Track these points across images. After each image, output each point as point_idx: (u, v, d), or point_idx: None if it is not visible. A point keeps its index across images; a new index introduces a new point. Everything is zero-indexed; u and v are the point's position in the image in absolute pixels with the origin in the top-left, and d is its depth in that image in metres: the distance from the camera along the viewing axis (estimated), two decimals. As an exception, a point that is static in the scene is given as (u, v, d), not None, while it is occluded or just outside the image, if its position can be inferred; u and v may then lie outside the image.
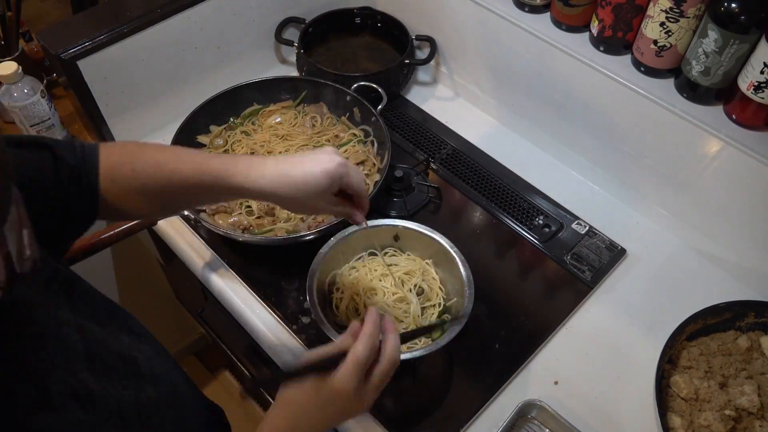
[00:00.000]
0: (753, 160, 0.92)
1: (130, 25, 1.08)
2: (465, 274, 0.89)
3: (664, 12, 0.93)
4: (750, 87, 0.89)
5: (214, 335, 1.30)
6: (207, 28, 1.19)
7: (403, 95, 1.34)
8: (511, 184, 1.16)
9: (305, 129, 1.15)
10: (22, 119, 1.11)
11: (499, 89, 1.25)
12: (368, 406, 0.66)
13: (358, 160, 1.10)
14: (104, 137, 1.17)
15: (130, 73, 1.13)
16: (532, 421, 0.88)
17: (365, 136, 1.16)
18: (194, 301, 1.40)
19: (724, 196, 1.00)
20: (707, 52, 0.91)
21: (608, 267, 1.04)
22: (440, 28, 1.28)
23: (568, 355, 0.95)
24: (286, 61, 1.39)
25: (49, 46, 1.04)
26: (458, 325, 0.84)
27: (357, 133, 1.16)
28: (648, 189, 1.10)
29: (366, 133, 1.16)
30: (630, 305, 1.01)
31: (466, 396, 0.89)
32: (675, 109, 0.98)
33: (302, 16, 1.33)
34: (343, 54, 1.36)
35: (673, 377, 0.87)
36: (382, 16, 1.36)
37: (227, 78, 1.26)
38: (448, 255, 0.91)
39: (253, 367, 1.29)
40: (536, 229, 1.09)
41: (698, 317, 0.90)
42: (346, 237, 0.94)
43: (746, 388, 0.84)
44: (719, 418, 0.81)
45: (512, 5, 1.14)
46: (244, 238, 0.99)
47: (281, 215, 1.04)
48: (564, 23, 1.09)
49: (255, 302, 1.00)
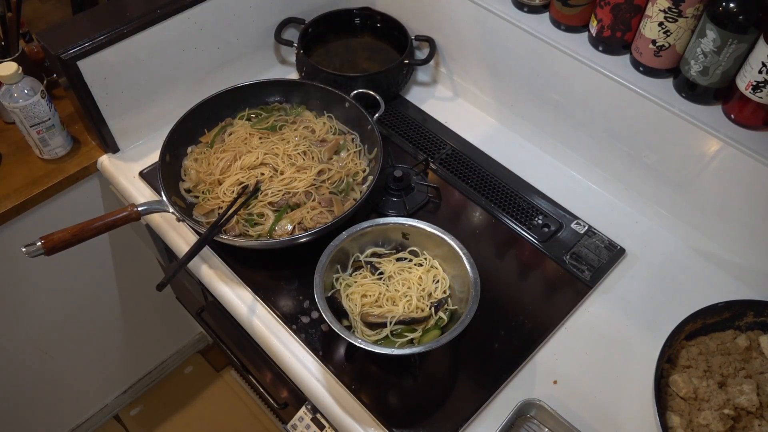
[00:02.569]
0: (751, 160, 0.92)
1: (130, 26, 1.08)
2: (472, 276, 0.88)
3: (663, 12, 0.93)
4: (748, 86, 0.90)
5: (214, 335, 1.30)
6: (207, 28, 1.19)
7: (402, 95, 1.34)
8: (511, 183, 1.16)
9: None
10: (23, 120, 1.11)
11: (499, 89, 1.25)
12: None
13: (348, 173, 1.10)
14: (104, 137, 1.18)
15: (130, 73, 1.13)
16: (532, 421, 0.88)
17: (354, 140, 1.16)
18: (194, 301, 1.41)
19: (722, 196, 1.00)
20: (706, 51, 0.91)
21: (607, 266, 1.04)
22: (440, 28, 1.28)
23: (567, 354, 0.95)
24: (285, 62, 1.40)
25: (49, 47, 1.04)
26: (461, 325, 0.84)
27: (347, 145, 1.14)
28: (647, 188, 1.10)
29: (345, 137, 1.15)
30: (629, 305, 1.01)
31: (465, 395, 0.90)
32: (674, 108, 0.98)
33: (302, 16, 1.33)
34: (343, 54, 1.36)
35: (672, 376, 0.87)
36: (381, 16, 1.37)
37: (227, 78, 1.27)
38: (457, 255, 0.91)
39: (253, 367, 1.29)
40: (535, 228, 1.09)
41: (697, 316, 0.90)
42: (357, 232, 0.94)
43: (745, 388, 0.84)
44: (718, 418, 0.81)
45: (511, 5, 1.14)
46: (241, 243, 0.99)
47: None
48: (563, 23, 1.09)
49: (255, 302, 1.00)
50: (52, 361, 1.51)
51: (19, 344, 1.41)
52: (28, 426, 1.61)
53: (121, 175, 1.18)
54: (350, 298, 0.91)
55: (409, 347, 0.84)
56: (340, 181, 1.08)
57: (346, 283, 0.93)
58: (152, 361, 1.89)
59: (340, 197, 1.06)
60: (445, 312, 0.90)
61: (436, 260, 0.95)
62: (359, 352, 0.93)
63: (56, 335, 1.47)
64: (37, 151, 1.19)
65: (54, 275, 1.35)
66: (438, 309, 0.90)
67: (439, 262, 0.95)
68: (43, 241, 0.92)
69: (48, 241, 0.92)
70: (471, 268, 0.89)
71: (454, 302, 0.92)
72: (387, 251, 0.97)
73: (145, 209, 1.00)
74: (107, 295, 1.53)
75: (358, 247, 0.96)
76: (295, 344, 0.95)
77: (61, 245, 0.93)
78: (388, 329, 0.87)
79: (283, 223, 1.02)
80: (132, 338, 1.71)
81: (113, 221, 0.98)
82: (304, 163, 1.08)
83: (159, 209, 1.01)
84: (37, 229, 1.21)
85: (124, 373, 1.82)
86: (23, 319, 1.37)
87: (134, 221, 1.00)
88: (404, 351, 0.82)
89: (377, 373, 0.92)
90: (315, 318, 0.97)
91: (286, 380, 1.05)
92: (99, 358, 1.66)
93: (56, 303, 1.41)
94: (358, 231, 0.94)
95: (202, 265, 1.05)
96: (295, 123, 1.17)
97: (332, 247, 0.91)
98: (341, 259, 0.95)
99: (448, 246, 0.92)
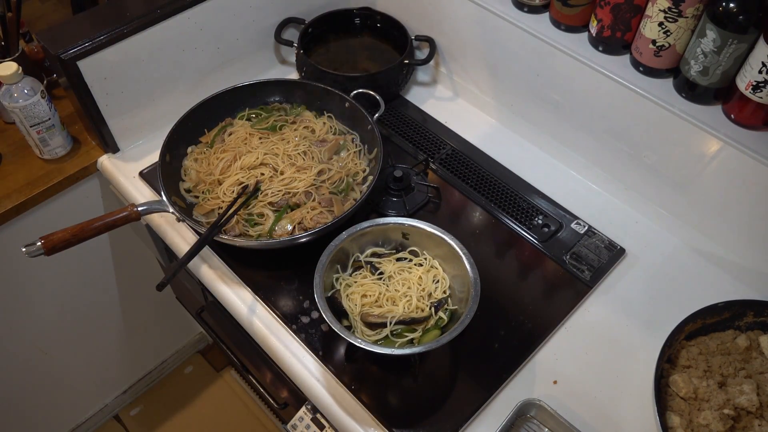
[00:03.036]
0: (751, 160, 0.92)
1: (130, 26, 1.08)
2: (472, 276, 0.88)
3: (663, 12, 0.93)
4: (748, 86, 0.90)
5: (214, 335, 1.30)
6: (207, 29, 1.19)
7: (402, 95, 1.34)
8: (511, 183, 1.16)
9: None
10: (23, 120, 1.11)
11: (499, 89, 1.25)
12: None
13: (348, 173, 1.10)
14: (104, 137, 1.18)
15: (130, 73, 1.13)
16: (532, 420, 0.88)
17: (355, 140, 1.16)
18: (194, 301, 1.41)
19: (722, 196, 1.00)
20: (706, 51, 0.91)
21: (607, 266, 1.04)
22: (440, 28, 1.28)
23: (567, 354, 0.95)
24: (285, 62, 1.40)
25: (49, 47, 1.04)
26: (461, 325, 0.84)
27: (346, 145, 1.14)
28: (647, 188, 1.10)
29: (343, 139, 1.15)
30: (629, 304, 1.01)
31: (465, 395, 0.90)
32: (674, 108, 0.98)
33: (302, 16, 1.33)
34: (343, 54, 1.36)
35: (672, 376, 0.87)
36: (381, 16, 1.37)
37: (227, 78, 1.27)
38: (457, 255, 0.91)
39: (253, 367, 1.29)
40: (535, 228, 1.09)
41: (697, 316, 0.90)
42: (357, 232, 0.94)
43: (745, 388, 0.84)
44: (718, 418, 0.81)
45: (511, 5, 1.14)
46: (241, 243, 0.99)
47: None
48: (563, 23, 1.09)
49: (255, 302, 1.00)
50: (52, 361, 1.51)
51: (19, 344, 1.41)
52: (29, 426, 1.61)
53: (121, 175, 1.18)
54: (350, 298, 0.91)
55: (409, 347, 0.84)
56: (340, 181, 1.08)
57: (346, 283, 0.93)
58: (152, 361, 1.89)
59: (340, 197, 1.06)
60: (445, 312, 0.90)
61: (436, 260, 0.95)
62: (359, 353, 0.93)
63: (56, 335, 1.47)
64: (37, 151, 1.19)
65: (54, 275, 1.35)
66: (438, 309, 0.90)
67: (439, 262, 0.95)
68: (43, 241, 0.92)
69: (48, 241, 0.92)
70: (471, 268, 0.89)
71: (454, 302, 0.92)
72: (387, 251, 0.97)
73: (145, 209, 1.00)
74: (107, 295, 1.53)
75: (358, 247, 0.96)
76: (295, 344, 0.95)
77: (61, 245, 0.93)
78: (388, 329, 0.87)
79: (283, 223, 1.02)
80: (132, 338, 1.71)
81: (113, 221, 0.98)
82: (304, 163, 1.08)
83: (159, 209, 1.01)
84: (37, 229, 1.21)
85: (124, 373, 1.82)
86: (23, 319, 1.37)
87: (134, 221, 1.00)
88: (404, 351, 0.82)
89: (377, 373, 0.92)
90: (315, 318, 0.97)
91: (286, 380, 1.05)
92: (99, 358, 1.66)
93: (56, 303, 1.41)
94: (358, 231, 0.94)
95: (202, 265, 1.05)
96: (295, 123, 1.17)
97: (332, 247, 0.91)
98: (341, 259, 0.95)
99: (448, 246, 0.92)
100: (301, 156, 1.09)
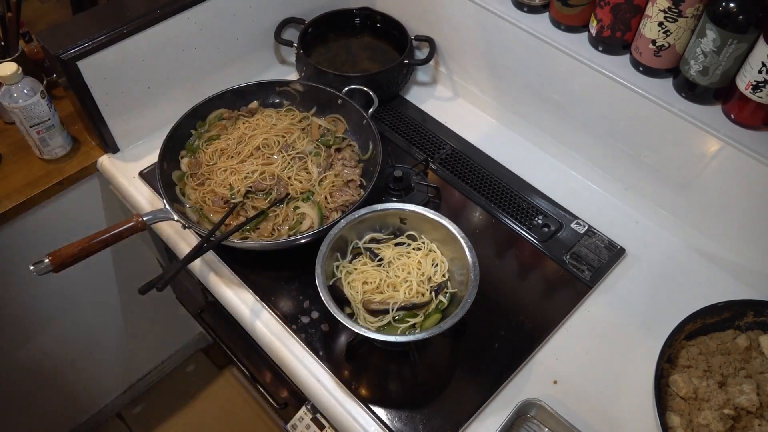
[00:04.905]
0: (751, 160, 0.92)
1: (130, 26, 1.08)
2: (471, 259, 0.88)
3: (663, 12, 0.93)
4: (748, 86, 0.90)
5: (215, 335, 1.30)
6: (207, 29, 1.19)
7: (402, 95, 1.34)
8: (511, 183, 1.16)
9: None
10: (22, 120, 1.11)
11: (498, 89, 1.25)
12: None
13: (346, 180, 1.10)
14: (104, 137, 1.18)
15: (130, 73, 1.13)
16: (532, 420, 0.88)
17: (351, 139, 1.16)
18: (194, 301, 1.41)
19: (722, 196, 1.00)
20: (705, 51, 0.91)
21: (607, 266, 1.04)
22: (439, 28, 1.28)
23: (568, 354, 0.95)
24: (285, 62, 1.40)
25: (48, 47, 1.04)
26: (462, 309, 0.83)
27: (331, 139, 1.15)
28: (647, 188, 1.10)
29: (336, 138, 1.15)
30: (629, 305, 1.01)
31: (465, 395, 0.90)
32: (673, 108, 0.98)
33: (302, 16, 1.33)
34: (343, 54, 1.36)
35: (672, 376, 0.87)
36: (381, 16, 1.37)
37: (227, 78, 1.26)
38: (454, 238, 0.91)
39: (253, 367, 1.29)
40: (535, 228, 1.09)
41: (697, 316, 0.90)
42: (355, 219, 0.94)
43: (745, 387, 0.84)
44: (718, 417, 0.81)
45: (511, 5, 1.14)
46: (241, 245, 0.99)
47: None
48: (563, 23, 1.09)
49: (255, 303, 1.00)
50: (52, 361, 1.51)
51: (19, 344, 1.41)
52: (29, 426, 1.62)
53: (121, 175, 1.18)
54: (351, 285, 0.91)
55: (412, 333, 0.84)
56: (340, 181, 1.08)
57: (347, 271, 0.93)
58: (153, 360, 1.89)
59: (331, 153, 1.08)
60: (445, 295, 0.91)
61: (434, 243, 0.96)
62: (360, 350, 0.93)
63: (56, 335, 1.47)
64: (37, 151, 1.19)
65: (54, 275, 1.35)
66: (438, 293, 0.90)
67: (437, 245, 0.95)
68: (51, 258, 0.89)
69: (56, 257, 0.90)
70: (469, 251, 0.89)
71: (454, 285, 0.92)
72: (385, 236, 0.98)
73: (151, 219, 0.99)
74: (107, 295, 1.53)
75: (357, 234, 0.97)
76: (295, 344, 0.95)
77: (70, 260, 0.90)
78: (390, 315, 0.88)
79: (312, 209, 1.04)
80: (133, 337, 1.71)
81: (120, 233, 0.96)
82: (302, 164, 1.08)
83: (164, 218, 1.00)
84: (37, 229, 1.21)
85: (125, 372, 1.82)
86: (23, 319, 1.37)
87: (141, 231, 0.99)
88: (408, 338, 0.82)
89: (377, 373, 0.92)
90: (315, 318, 0.97)
91: (286, 380, 1.05)
92: (99, 357, 1.66)
93: (56, 303, 1.41)
94: (357, 218, 0.94)
95: (202, 266, 1.05)
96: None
97: (332, 236, 0.92)
98: (340, 246, 0.95)
99: (445, 229, 0.93)
100: (297, 157, 1.10)
